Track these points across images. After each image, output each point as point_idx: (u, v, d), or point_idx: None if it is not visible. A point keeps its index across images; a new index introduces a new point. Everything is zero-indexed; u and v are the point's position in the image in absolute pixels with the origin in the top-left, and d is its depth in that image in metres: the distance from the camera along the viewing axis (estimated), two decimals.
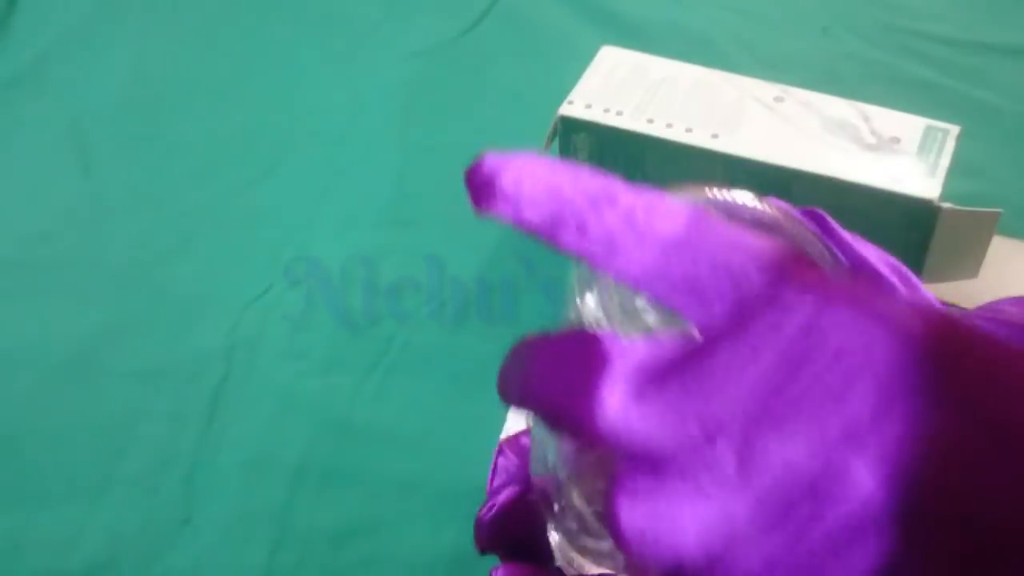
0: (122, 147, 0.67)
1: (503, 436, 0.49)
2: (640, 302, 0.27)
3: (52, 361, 0.54)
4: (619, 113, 0.59)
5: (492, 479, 0.38)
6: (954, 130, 0.56)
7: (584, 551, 0.34)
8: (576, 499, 0.32)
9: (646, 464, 0.19)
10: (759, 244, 0.20)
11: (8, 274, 0.58)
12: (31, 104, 0.70)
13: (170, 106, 0.70)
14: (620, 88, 0.60)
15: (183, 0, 0.79)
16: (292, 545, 0.46)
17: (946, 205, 0.53)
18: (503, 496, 0.37)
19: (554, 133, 0.60)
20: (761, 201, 0.31)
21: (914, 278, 0.30)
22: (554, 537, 0.35)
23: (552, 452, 0.32)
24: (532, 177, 0.21)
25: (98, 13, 0.77)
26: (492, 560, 0.46)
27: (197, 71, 0.73)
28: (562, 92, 0.60)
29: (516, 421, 0.48)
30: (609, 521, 0.20)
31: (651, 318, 0.27)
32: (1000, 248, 0.56)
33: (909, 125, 0.56)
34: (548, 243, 0.21)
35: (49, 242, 0.60)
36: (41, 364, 0.54)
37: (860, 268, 0.30)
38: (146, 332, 0.55)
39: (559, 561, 0.35)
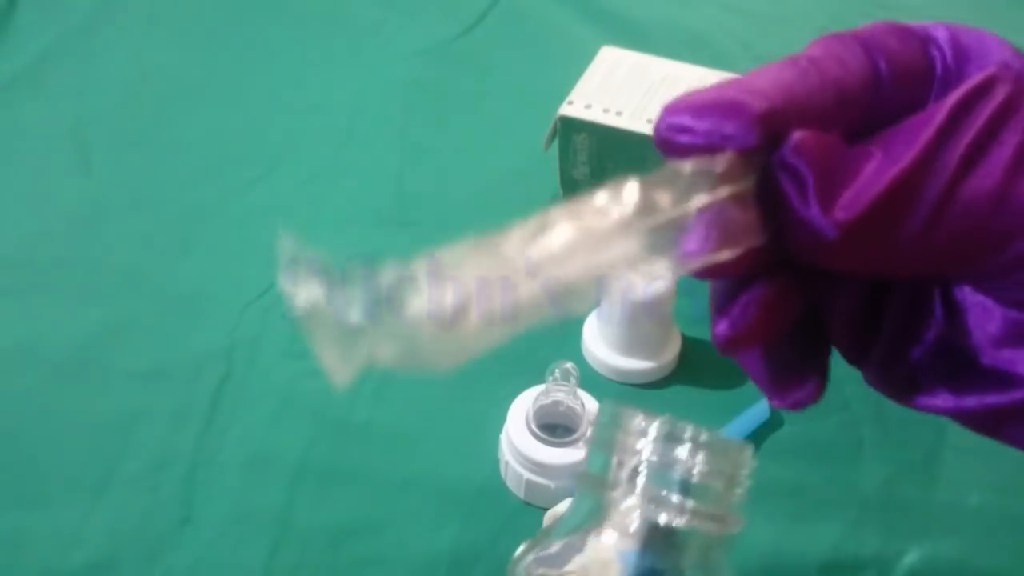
0: (122, 147, 0.67)
1: (503, 436, 0.49)
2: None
3: (52, 361, 0.54)
4: (619, 113, 0.59)
5: None
6: None
7: None
8: None
9: None
10: None
11: (8, 274, 0.58)
12: (31, 104, 0.70)
13: (170, 106, 0.70)
14: (620, 88, 0.60)
15: (183, 0, 0.79)
16: (292, 545, 0.46)
17: None
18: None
19: (554, 133, 0.60)
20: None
21: None
22: None
23: None
24: None
25: (98, 13, 0.77)
26: (492, 559, 0.46)
27: (197, 71, 0.73)
28: (562, 92, 0.60)
29: (516, 421, 0.48)
30: None
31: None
32: None
33: None
34: None
35: (49, 242, 0.60)
36: (41, 364, 0.54)
37: None
38: (146, 332, 0.55)
39: None
